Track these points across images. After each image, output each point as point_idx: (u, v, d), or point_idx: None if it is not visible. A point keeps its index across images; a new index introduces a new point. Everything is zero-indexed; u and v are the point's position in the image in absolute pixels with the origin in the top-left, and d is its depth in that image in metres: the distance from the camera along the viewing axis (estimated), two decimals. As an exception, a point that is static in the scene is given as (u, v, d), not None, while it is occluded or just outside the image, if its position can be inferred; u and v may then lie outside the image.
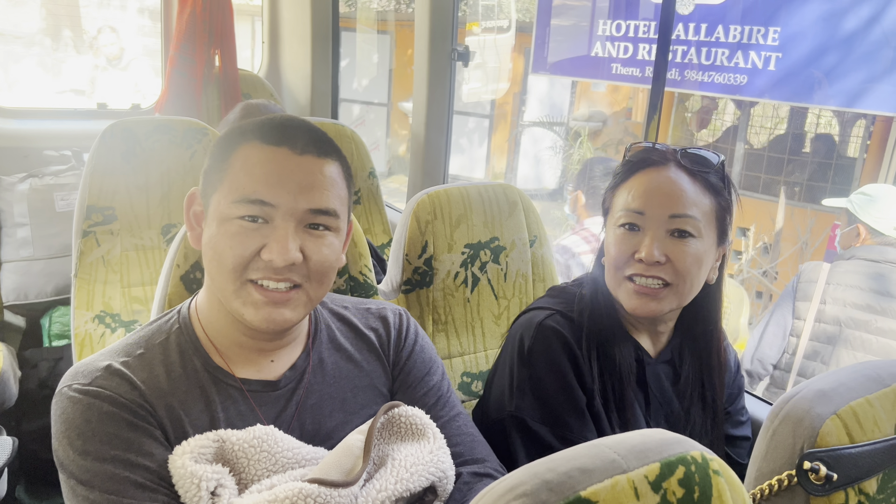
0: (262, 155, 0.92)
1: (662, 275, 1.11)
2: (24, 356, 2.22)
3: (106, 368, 0.90)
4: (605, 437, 0.58)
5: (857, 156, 6.42)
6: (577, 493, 0.51)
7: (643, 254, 1.10)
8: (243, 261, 0.90)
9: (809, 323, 2.56)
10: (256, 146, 0.92)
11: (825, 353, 2.52)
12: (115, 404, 0.87)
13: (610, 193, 1.20)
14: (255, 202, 0.89)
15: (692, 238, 1.10)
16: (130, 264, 1.91)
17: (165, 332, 0.98)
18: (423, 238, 1.50)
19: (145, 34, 8.28)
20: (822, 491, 0.72)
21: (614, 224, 1.16)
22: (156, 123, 1.96)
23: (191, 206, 1.00)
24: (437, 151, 2.45)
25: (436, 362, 1.15)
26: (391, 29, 9.53)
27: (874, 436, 0.75)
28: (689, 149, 1.15)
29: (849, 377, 0.79)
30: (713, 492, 0.55)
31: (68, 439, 0.85)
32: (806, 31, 4.94)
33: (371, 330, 1.11)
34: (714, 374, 1.24)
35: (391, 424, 1.00)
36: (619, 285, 1.15)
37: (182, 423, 0.92)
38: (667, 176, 1.12)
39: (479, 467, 1.05)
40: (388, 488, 0.91)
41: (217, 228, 0.92)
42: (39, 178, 2.46)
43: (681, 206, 1.10)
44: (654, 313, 1.14)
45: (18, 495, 2.05)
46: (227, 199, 0.91)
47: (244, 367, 0.98)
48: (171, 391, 0.92)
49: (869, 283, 2.48)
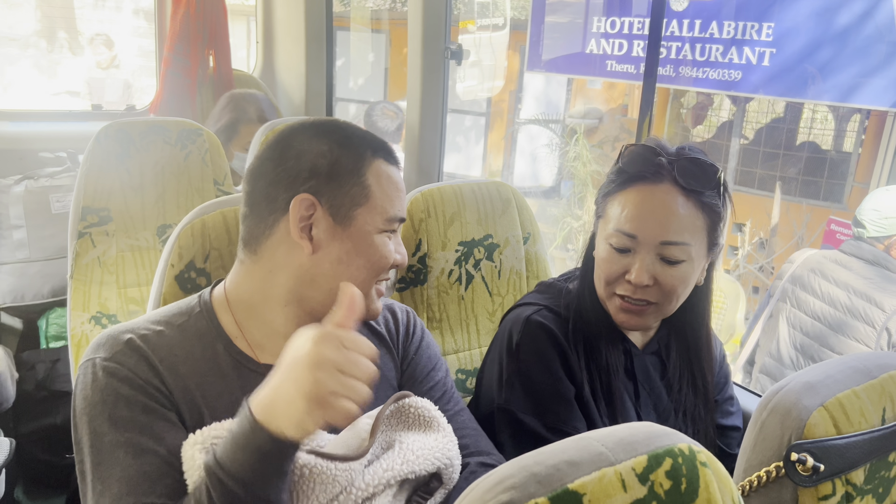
0: (390, 174, 1.01)
1: (648, 297, 1.12)
2: (20, 358, 2.22)
3: (127, 343, 0.92)
4: (593, 431, 0.58)
5: (851, 150, 6.44)
6: (565, 485, 0.51)
7: (632, 277, 1.11)
8: (380, 269, 1.00)
9: (792, 313, 2.58)
10: (383, 165, 1.00)
11: (813, 346, 2.54)
12: (132, 386, 0.89)
13: (603, 200, 1.19)
14: (394, 219, 1.00)
15: (681, 263, 1.11)
16: (126, 265, 1.91)
17: (186, 314, 1.00)
18: (416, 236, 1.51)
19: (140, 35, 8.27)
20: (810, 482, 0.72)
21: (605, 238, 1.15)
22: (150, 124, 1.96)
23: (302, 213, 0.96)
24: (432, 150, 2.45)
25: (440, 359, 1.18)
26: (386, 28, 9.53)
27: (861, 427, 0.76)
28: (686, 156, 1.12)
29: (836, 369, 0.80)
30: (700, 483, 0.55)
31: (88, 416, 0.88)
32: (800, 27, 4.96)
33: (382, 321, 1.14)
34: (703, 362, 1.26)
35: (401, 413, 1.02)
36: (609, 298, 1.17)
37: (199, 406, 0.93)
38: (661, 198, 1.10)
39: (485, 458, 1.08)
40: (395, 468, 0.93)
41: (362, 238, 0.98)
42: (35, 180, 2.46)
43: (673, 232, 1.09)
44: (640, 327, 1.19)
45: (17, 496, 2.06)
46: (382, 216, 0.99)
47: (271, 354, 0.99)
48: (188, 373, 0.94)
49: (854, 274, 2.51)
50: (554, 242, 7.20)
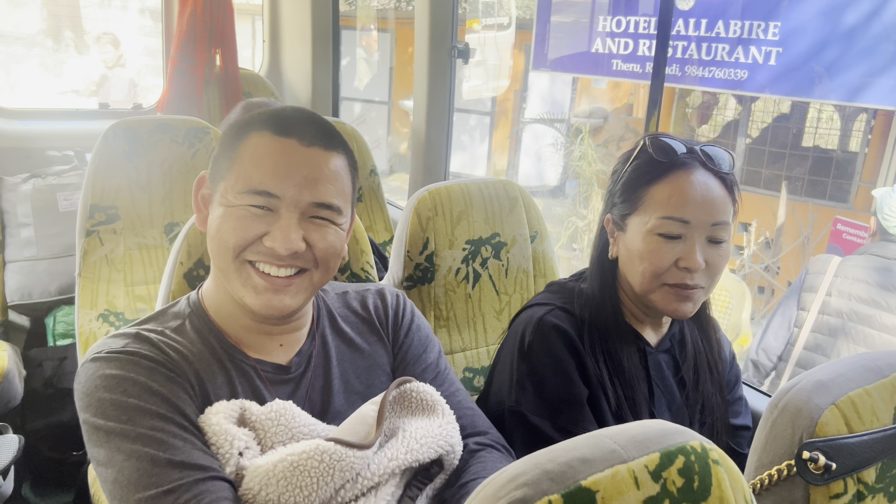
0: (271, 146, 0.93)
1: (700, 281, 1.13)
2: (28, 356, 2.23)
3: (135, 336, 0.92)
4: (605, 428, 0.58)
5: (858, 150, 6.42)
6: (578, 482, 0.51)
7: (689, 263, 1.11)
8: (244, 242, 0.92)
9: (813, 314, 2.56)
10: (266, 136, 0.94)
11: (827, 345, 2.52)
12: (151, 360, 0.89)
13: (634, 195, 1.16)
14: (262, 193, 0.91)
15: (725, 243, 1.14)
16: (133, 263, 1.92)
17: (179, 316, 1.00)
18: (424, 234, 1.51)
19: (146, 34, 8.29)
20: (821, 480, 0.72)
21: (651, 230, 1.13)
22: (157, 123, 1.97)
23: (199, 190, 1.02)
24: (438, 148, 2.45)
25: (432, 340, 1.17)
26: (391, 27, 9.53)
27: (873, 426, 0.76)
28: (704, 146, 1.15)
29: (848, 368, 0.80)
30: (713, 481, 0.55)
31: (108, 391, 0.85)
32: (806, 26, 4.94)
33: (372, 308, 1.14)
34: (714, 350, 1.28)
35: (402, 399, 1.02)
36: (655, 290, 1.15)
37: (206, 391, 0.94)
38: (703, 182, 1.12)
39: (482, 438, 1.08)
40: (399, 457, 0.93)
41: (223, 212, 0.93)
42: (42, 179, 2.47)
43: (721, 213, 1.12)
44: (689, 314, 1.15)
45: (24, 493, 2.07)
46: (235, 189, 0.93)
47: (256, 350, 1.01)
48: (195, 361, 0.95)
49: (876, 277, 2.48)
50: (559, 242, 7.20)
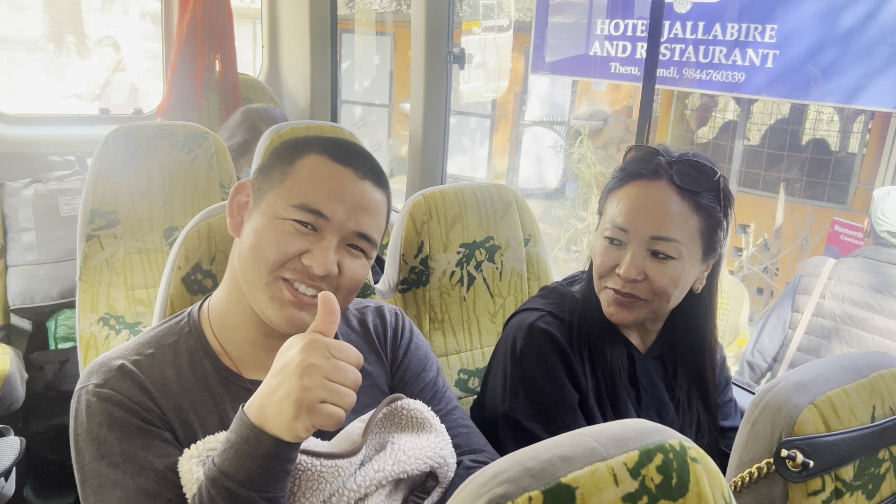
0: (329, 170, 0.97)
1: (637, 292, 1.14)
2: (30, 359, 2.25)
3: (119, 369, 0.94)
4: (586, 427, 0.59)
5: (855, 152, 6.43)
6: (558, 479, 0.53)
7: (622, 270, 1.13)
8: (285, 258, 0.94)
9: (806, 316, 2.57)
10: (324, 160, 0.98)
11: (821, 347, 2.53)
12: (125, 409, 0.91)
13: (604, 197, 1.22)
14: (313, 211, 0.94)
15: (671, 260, 1.12)
16: (134, 267, 1.94)
17: (175, 333, 1.01)
18: (419, 238, 1.53)
19: (147, 39, 8.32)
20: (800, 478, 0.74)
21: (601, 233, 1.19)
22: (157, 128, 1.99)
23: (237, 195, 1.03)
24: (435, 152, 2.47)
25: (431, 359, 1.18)
26: (391, 30, 9.55)
27: (850, 425, 0.78)
28: (686, 159, 1.14)
29: (827, 368, 0.82)
30: (691, 478, 0.57)
31: (86, 441, 0.90)
32: (803, 28, 4.96)
33: (371, 326, 1.15)
34: (706, 371, 1.27)
35: (393, 416, 1.03)
36: (601, 291, 1.20)
37: (191, 423, 0.94)
38: (655, 194, 1.12)
39: (478, 456, 1.09)
40: (386, 469, 0.94)
41: (266, 223, 0.96)
42: (44, 184, 2.49)
43: (663, 228, 1.11)
44: (628, 321, 1.18)
45: (26, 495, 2.09)
46: (287, 201, 0.95)
47: (254, 369, 1.01)
48: (180, 393, 0.95)
49: (869, 280, 2.49)
50: (558, 244, 7.21)
